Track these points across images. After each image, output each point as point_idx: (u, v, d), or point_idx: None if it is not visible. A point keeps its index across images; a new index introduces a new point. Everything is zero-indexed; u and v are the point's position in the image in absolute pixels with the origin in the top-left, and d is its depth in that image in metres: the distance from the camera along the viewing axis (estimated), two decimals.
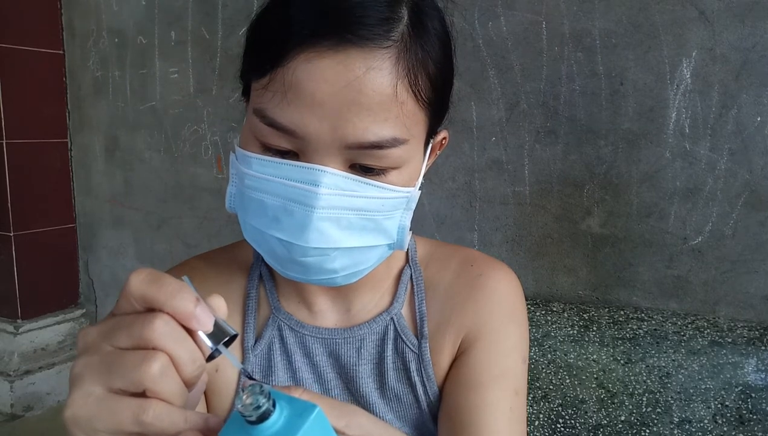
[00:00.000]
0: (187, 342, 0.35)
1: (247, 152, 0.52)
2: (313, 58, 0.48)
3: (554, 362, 1.45)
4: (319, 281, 0.56)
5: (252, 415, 0.33)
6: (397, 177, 0.53)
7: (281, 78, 0.49)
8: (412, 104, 0.51)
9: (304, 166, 0.50)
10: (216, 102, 2.14)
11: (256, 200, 0.52)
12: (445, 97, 0.58)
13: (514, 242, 1.65)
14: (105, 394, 0.34)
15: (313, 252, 0.52)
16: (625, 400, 1.38)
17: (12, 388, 2.26)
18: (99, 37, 2.37)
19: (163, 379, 0.34)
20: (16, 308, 2.35)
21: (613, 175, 1.50)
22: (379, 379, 0.64)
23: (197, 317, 0.35)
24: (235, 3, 2.05)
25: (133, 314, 0.35)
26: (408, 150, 0.52)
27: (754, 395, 1.29)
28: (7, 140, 2.27)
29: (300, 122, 0.49)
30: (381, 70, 0.48)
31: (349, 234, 0.52)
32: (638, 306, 1.50)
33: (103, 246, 2.51)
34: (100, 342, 0.35)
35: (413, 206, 0.57)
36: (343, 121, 0.48)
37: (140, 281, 0.35)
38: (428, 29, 0.52)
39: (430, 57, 0.52)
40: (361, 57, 0.48)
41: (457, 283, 0.66)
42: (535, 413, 1.45)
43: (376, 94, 0.48)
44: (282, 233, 0.51)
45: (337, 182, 0.50)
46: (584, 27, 1.50)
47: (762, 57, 1.33)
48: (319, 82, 0.48)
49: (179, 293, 0.35)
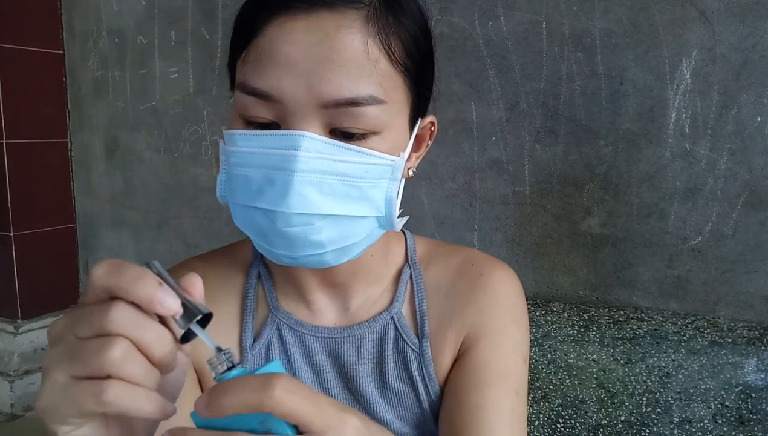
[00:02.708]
0: (150, 325, 0.36)
1: (232, 130, 0.54)
2: (286, 21, 0.51)
3: (554, 362, 1.45)
4: (308, 260, 0.55)
5: (219, 370, 0.37)
6: (378, 143, 0.53)
7: (258, 47, 0.51)
8: (386, 64, 0.52)
9: (284, 134, 0.51)
10: (216, 102, 2.14)
11: (241, 177, 0.53)
12: (424, 73, 0.58)
13: (514, 242, 1.65)
14: (69, 381, 0.35)
15: (297, 220, 0.51)
16: (625, 400, 1.38)
17: (12, 388, 2.26)
18: (99, 37, 2.37)
19: (125, 362, 0.34)
20: (16, 308, 2.35)
21: (613, 175, 1.50)
22: (380, 378, 0.64)
23: (159, 301, 0.36)
24: (235, 3, 2.04)
25: (93, 304, 0.36)
26: (387, 112, 0.53)
27: (754, 395, 1.29)
28: (7, 140, 2.27)
29: (276, 84, 0.50)
30: (351, 28, 0.51)
31: (332, 200, 0.52)
32: (638, 306, 1.50)
33: (103, 246, 2.50)
34: (65, 333, 0.36)
35: (398, 177, 0.57)
36: (317, 78, 0.50)
37: (102, 271, 0.36)
38: (401, 5, 0.54)
39: (403, 26, 0.54)
40: (331, 18, 0.50)
41: (458, 283, 0.66)
42: (535, 413, 1.45)
43: (347, 50, 0.50)
44: (265, 202, 0.52)
45: (316, 146, 0.51)
46: (584, 27, 1.50)
47: (762, 57, 1.33)
48: (293, 43, 0.50)
49: (139, 279, 0.36)
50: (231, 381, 0.35)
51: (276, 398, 0.33)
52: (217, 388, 0.35)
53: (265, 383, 0.34)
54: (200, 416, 0.35)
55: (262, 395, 0.33)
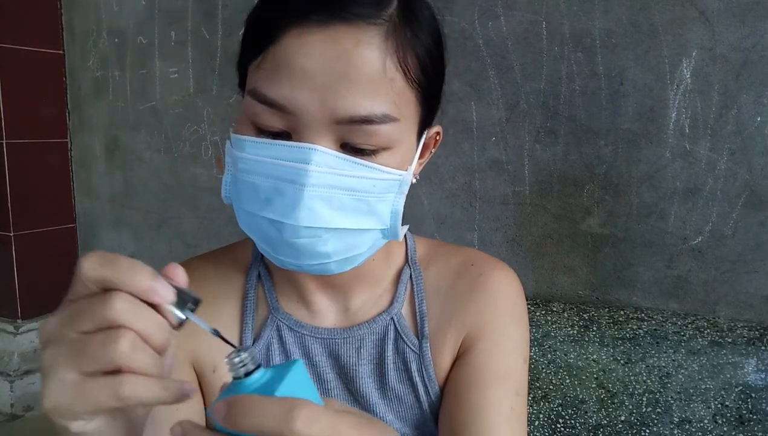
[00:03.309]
0: (149, 314, 0.36)
1: (241, 136, 0.53)
2: (304, 33, 0.49)
3: (554, 362, 1.45)
4: (312, 268, 0.56)
5: (239, 372, 0.36)
6: (388, 159, 0.53)
7: (273, 55, 0.50)
8: (402, 82, 0.52)
9: (295, 146, 0.51)
10: (216, 102, 2.14)
11: (248, 183, 0.53)
12: (436, 87, 0.58)
13: (514, 242, 1.65)
14: (79, 378, 0.35)
15: (304, 233, 0.52)
16: (625, 400, 1.38)
17: (12, 388, 2.26)
18: (99, 37, 2.37)
19: (134, 353, 0.34)
20: (16, 308, 2.35)
21: (613, 175, 1.50)
22: (380, 379, 0.64)
23: (156, 290, 0.36)
24: (235, 3, 2.05)
25: (89, 298, 0.36)
26: (399, 130, 0.53)
27: (754, 395, 1.29)
28: (7, 140, 2.27)
29: (290, 96, 0.49)
30: (370, 45, 0.50)
31: (340, 215, 0.52)
32: (638, 306, 1.50)
33: (103, 246, 2.50)
34: (63, 330, 0.36)
35: (405, 190, 0.57)
36: (332, 93, 0.49)
37: (93, 263, 0.36)
38: (418, 17, 0.53)
39: (420, 41, 0.53)
40: (350, 32, 0.49)
41: (458, 283, 0.66)
42: (535, 413, 1.45)
43: (365, 67, 0.49)
44: (273, 213, 0.51)
45: (327, 161, 0.50)
46: (584, 27, 1.50)
47: (762, 57, 1.33)
48: (309, 56, 0.49)
49: (134, 269, 0.36)
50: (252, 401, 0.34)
51: (297, 431, 0.33)
52: (238, 404, 0.34)
53: (287, 412, 0.33)
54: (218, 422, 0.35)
55: (283, 425, 0.33)
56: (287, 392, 0.36)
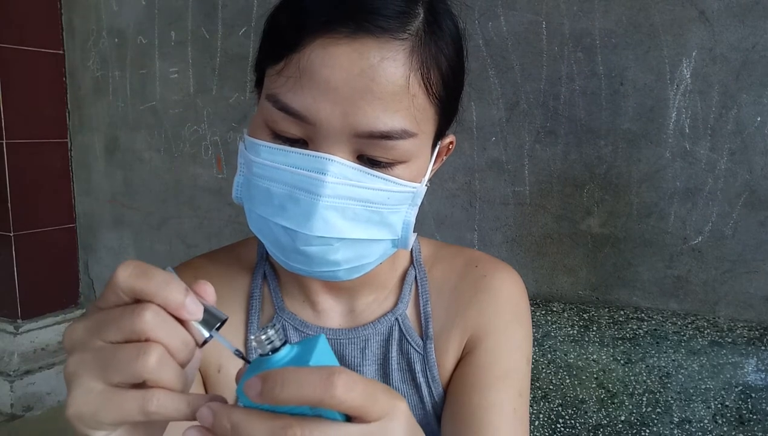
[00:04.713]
0: (178, 330, 0.36)
1: (257, 140, 0.53)
2: (329, 44, 0.48)
3: (554, 362, 1.45)
4: (321, 274, 0.56)
5: (266, 349, 0.36)
6: (403, 171, 0.53)
7: (296, 63, 0.50)
8: (423, 99, 0.52)
9: (312, 155, 0.50)
10: (216, 102, 2.14)
11: (262, 188, 0.53)
12: (455, 99, 0.58)
13: (514, 242, 1.65)
14: (106, 388, 0.35)
15: (317, 241, 0.52)
16: (625, 400, 1.39)
17: (12, 388, 2.26)
18: (99, 37, 2.37)
19: (161, 368, 0.34)
20: (16, 308, 2.35)
21: (613, 175, 1.50)
22: (384, 380, 0.64)
23: (187, 307, 0.36)
24: (235, 3, 2.05)
25: (120, 307, 0.36)
26: (416, 145, 0.53)
27: (754, 395, 1.29)
28: (7, 140, 2.27)
29: (312, 107, 0.49)
30: (395, 61, 0.49)
31: (353, 225, 0.52)
32: (638, 306, 1.50)
33: (103, 246, 2.51)
34: (91, 338, 0.36)
35: (418, 202, 0.57)
36: (354, 108, 0.49)
37: (129, 273, 0.35)
38: (443, 29, 0.53)
39: (444, 55, 0.53)
40: (376, 46, 0.49)
41: (461, 284, 0.66)
42: (535, 413, 1.45)
43: (388, 84, 0.49)
44: (287, 221, 0.52)
45: (344, 172, 0.50)
46: (584, 27, 1.50)
47: (762, 57, 1.33)
48: (334, 68, 0.48)
49: (169, 284, 0.36)
50: (288, 372, 0.33)
51: (338, 397, 0.33)
52: (275, 377, 0.33)
53: (326, 379, 0.33)
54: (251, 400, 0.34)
55: (324, 393, 0.32)
56: (319, 363, 0.35)
